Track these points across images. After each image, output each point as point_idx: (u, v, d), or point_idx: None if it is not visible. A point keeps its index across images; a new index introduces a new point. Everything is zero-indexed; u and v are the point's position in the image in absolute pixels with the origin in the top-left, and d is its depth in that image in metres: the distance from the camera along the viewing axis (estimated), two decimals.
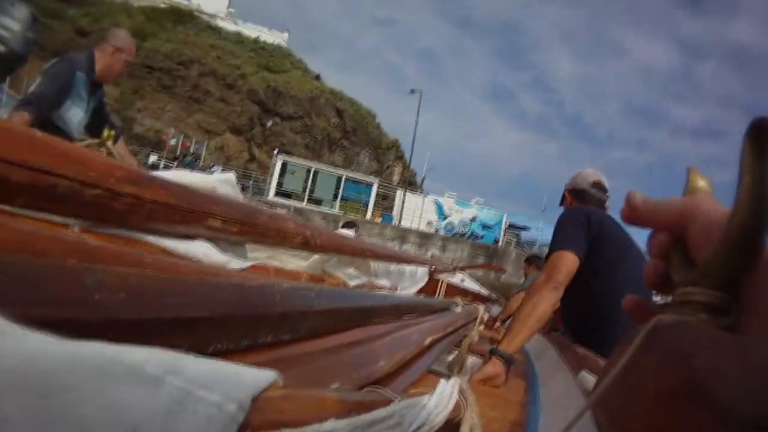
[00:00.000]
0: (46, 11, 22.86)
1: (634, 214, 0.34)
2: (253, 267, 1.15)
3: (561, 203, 2.34)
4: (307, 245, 1.37)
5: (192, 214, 0.92)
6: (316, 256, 1.71)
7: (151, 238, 0.87)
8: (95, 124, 2.61)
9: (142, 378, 0.21)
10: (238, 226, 1.05)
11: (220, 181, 1.12)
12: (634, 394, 0.25)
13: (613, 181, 2.26)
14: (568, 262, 1.75)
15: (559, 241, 1.82)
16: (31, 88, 2.33)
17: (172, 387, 0.22)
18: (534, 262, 5.09)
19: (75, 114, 2.45)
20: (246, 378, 0.26)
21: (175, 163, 19.44)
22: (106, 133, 1.65)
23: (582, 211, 1.95)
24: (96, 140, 1.72)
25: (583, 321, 1.95)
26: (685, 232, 0.31)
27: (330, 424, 0.29)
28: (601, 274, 1.81)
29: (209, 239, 1.01)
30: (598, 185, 2.20)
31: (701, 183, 0.34)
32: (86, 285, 0.36)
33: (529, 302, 1.69)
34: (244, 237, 1.13)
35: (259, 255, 1.35)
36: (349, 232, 5.39)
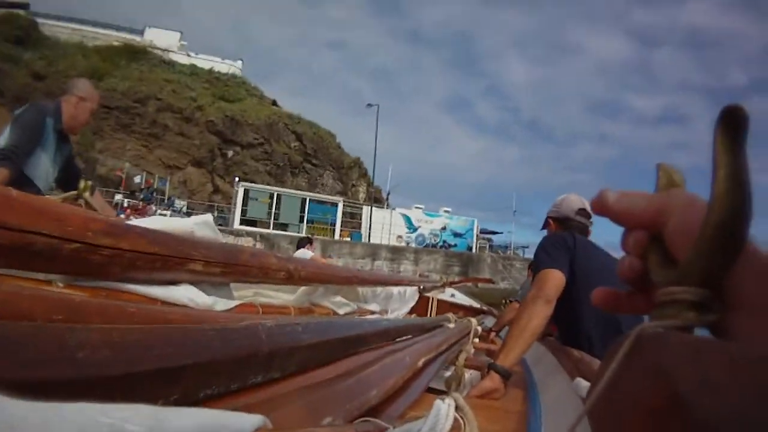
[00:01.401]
0: (1, 56, 22.45)
1: (607, 213, 0.33)
2: (239, 306, 1.14)
3: (544, 227, 2.41)
4: (291, 279, 1.36)
5: (173, 259, 0.91)
6: (302, 289, 1.69)
7: (135, 287, 0.86)
8: (65, 178, 2.57)
9: None
10: (220, 267, 1.04)
11: (198, 224, 1.11)
12: (620, 409, 0.25)
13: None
14: (555, 278, 1.85)
15: (543, 263, 1.93)
16: (5, 139, 2.26)
17: None
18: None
19: (44, 163, 2.40)
20: (231, 426, 0.26)
21: (133, 199, 19.36)
22: (83, 184, 1.61)
23: (561, 235, 2.08)
24: (73, 192, 1.69)
25: (575, 329, 2.01)
26: (662, 229, 0.30)
27: None
28: (583, 287, 1.90)
29: (193, 283, 1.00)
30: (582, 212, 2.26)
31: (673, 177, 0.33)
32: (69, 344, 0.35)
33: (522, 317, 1.76)
34: (228, 277, 1.12)
35: (245, 293, 1.35)
36: (307, 252, 5.36)
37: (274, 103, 31.56)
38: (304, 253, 5.47)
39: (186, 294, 0.96)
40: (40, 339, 0.34)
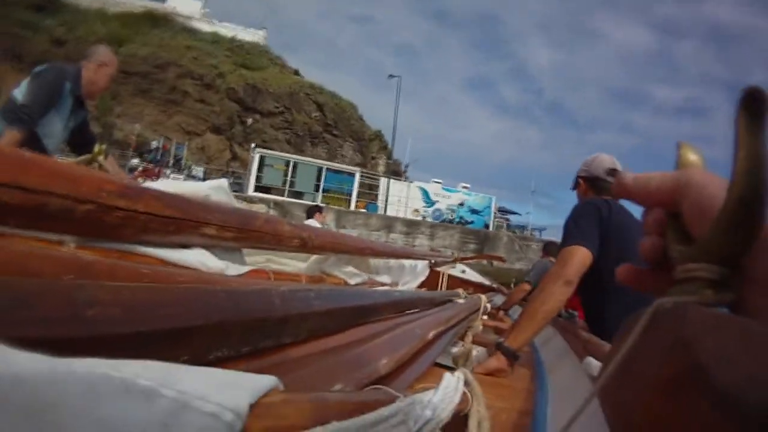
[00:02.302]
0: (22, 23, 22.57)
1: (625, 193, 0.34)
2: (251, 272, 1.15)
3: (574, 188, 2.26)
4: (304, 247, 1.36)
5: (186, 223, 0.91)
6: (314, 257, 1.69)
7: (147, 250, 0.87)
8: (77, 141, 2.60)
9: (135, 391, 0.21)
10: (233, 232, 1.04)
11: (213, 188, 1.12)
12: (635, 383, 0.25)
13: None
14: (580, 256, 1.71)
15: (570, 237, 1.79)
16: (22, 97, 2.29)
17: (166, 399, 0.22)
18: (550, 249, 4.95)
19: (56, 126, 2.42)
20: (243, 385, 0.26)
21: (141, 159, 19.47)
22: (97, 148, 1.63)
23: (592, 206, 1.90)
24: (87, 156, 1.70)
25: (601, 314, 1.91)
26: (680, 207, 0.30)
27: (332, 426, 0.29)
28: (614, 266, 1.76)
29: (205, 247, 1.01)
30: (613, 173, 2.08)
31: (692, 157, 0.33)
32: (78, 302, 0.35)
33: (537, 298, 1.67)
34: (241, 243, 1.13)
35: (257, 259, 1.35)
36: (316, 223, 5.31)
37: (297, 72, 31.32)
38: (313, 223, 5.40)
39: (198, 258, 0.97)
40: (50, 296, 0.34)
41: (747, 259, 0.26)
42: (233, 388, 0.25)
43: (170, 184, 1.00)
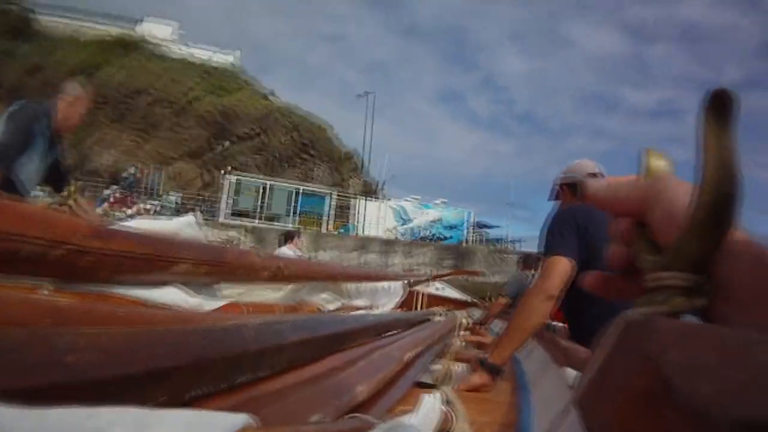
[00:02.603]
0: None
1: (593, 202, 0.33)
2: (226, 306, 1.15)
3: (555, 197, 2.18)
4: (276, 277, 1.37)
5: (160, 261, 0.92)
6: (289, 287, 1.69)
7: (123, 291, 0.87)
8: (52, 177, 2.59)
9: None
10: (206, 267, 1.05)
11: (183, 225, 1.12)
12: (609, 396, 0.24)
13: None
14: (562, 268, 1.68)
15: (550, 247, 1.76)
16: None
17: None
18: (528, 261, 4.91)
19: (32, 165, 2.42)
20: (216, 425, 0.26)
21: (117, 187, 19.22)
22: (70, 189, 1.63)
23: (569, 214, 1.86)
24: (60, 198, 1.71)
25: (583, 321, 1.86)
26: (648, 217, 0.30)
27: None
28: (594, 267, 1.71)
29: (180, 284, 1.01)
30: (595, 177, 1.99)
31: (659, 163, 0.32)
32: (57, 349, 0.36)
33: (521, 314, 1.65)
34: (214, 277, 1.13)
35: (231, 292, 1.34)
36: (289, 251, 5.11)
37: (272, 93, 31.29)
38: (286, 250, 5.18)
39: (173, 295, 0.97)
40: (28, 344, 0.35)
41: (718, 268, 0.26)
42: (206, 429, 0.25)
43: (141, 222, 1.01)
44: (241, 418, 0.28)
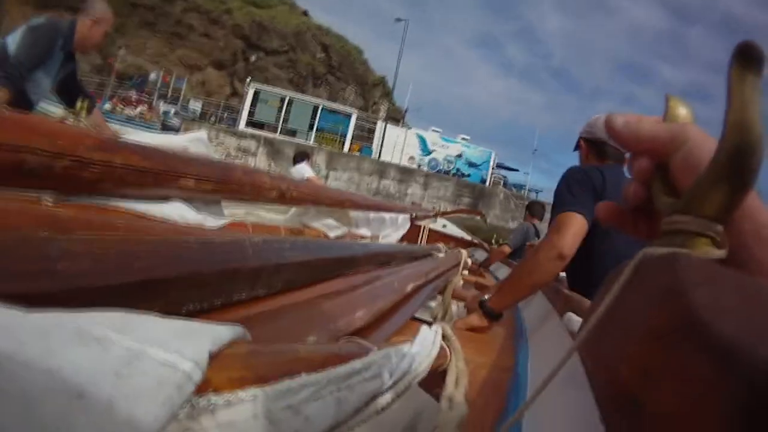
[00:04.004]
0: None
1: (614, 137, 0.32)
2: (229, 224, 1.15)
3: (576, 148, 2.08)
4: (283, 198, 1.36)
5: (164, 175, 0.90)
6: (294, 209, 1.69)
7: (125, 204, 0.86)
8: (65, 91, 2.60)
9: (88, 339, 0.20)
10: (212, 184, 1.04)
11: (192, 140, 1.11)
12: (620, 336, 0.24)
13: None
14: (576, 225, 1.57)
15: (565, 203, 1.63)
16: (14, 50, 2.28)
17: (120, 347, 0.20)
18: (533, 210, 4.79)
19: (43, 81, 2.43)
20: (205, 334, 0.25)
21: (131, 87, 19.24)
22: (79, 103, 1.62)
23: (587, 172, 1.76)
24: (70, 110, 1.70)
25: (588, 279, 1.71)
26: (670, 159, 0.29)
27: (301, 378, 0.28)
28: (605, 235, 1.63)
29: (184, 200, 1.00)
30: None
31: (683, 111, 0.32)
32: (49, 255, 0.35)
33: (527, 268, 1.57)
34: (219, 195, 1.12)
35: (236, 212, 1.34)
36: (305, 168, 5.04)
37: (305, 13, 30.47)
38: (302, 169, 5.19)
39: (176, 210, 0.96)
40: (19, 250, 0.34)
41: (736, 217, 0.25)
42: (194, 337, 0.24)
43: (148, 136, 1.00)
44: (232, 330, 0.27)
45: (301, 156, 5.64)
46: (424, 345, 0.44)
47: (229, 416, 0.23)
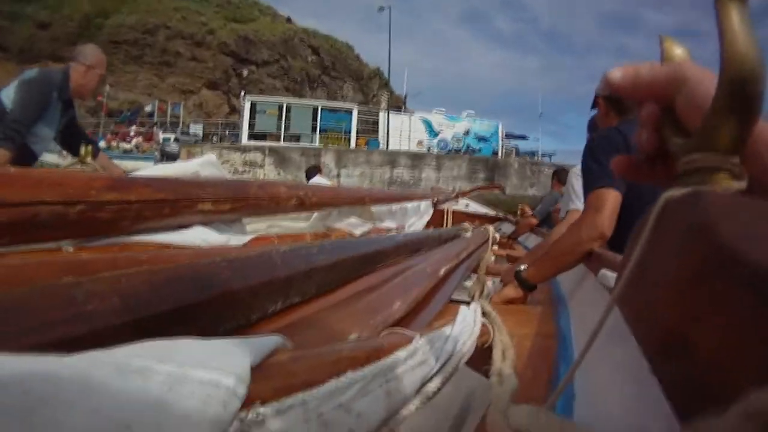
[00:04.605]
0: (3, 15, 21.97)
1: (616, 91, 0.32)
2: (254, 240, 1.14)
3: (594, 107, 2.03)
4: (302, 205, 1.35)
5: (180, 203, 0.91)
6: (315, 214, 1.68)
7: (146, 238, 0.85)
8: (67, 138, 2.62)
9: (128, 372, 0.20)
10: (229, 204, 1.04)
11: (202, 164, 1.11)
12: (655, 282, 0.23)
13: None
14: (613, 202, 1.51)
15: (597, 178, 1.56)
16: (11, 106, 2.29)
17: (160, 374, 0.20)
18: (561, 176, 4.49)
19: (45, 132, 2.45)
20: (244, 348, 0.25)
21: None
22: (83, 150, 1.64)
23: (606, 140, 1.69)
24: (74, 161, 1.72)
25: (615, 246, 1.66)
26: (674, 100, 0.29)
27: (347, 377, 0.27)
28: (633, 202, 1.56)
29: (204, 224, 1.00)
30: None
31: (678, 51, 0.32)
32: (75, 299, 0.34)
33: (567, 247, 1.51)
34: (238, 213, 1.11)
35: (258, 227, 1.34)
36: (323, 179, 5.05)
37: (288, 20, 30.53)
38: (319, 180, 5.16)
39: (199, 235, 0.95)
40: (45, 300, 0.34)
41: (748, 146, 0.25)
42: (233, 353, 0.24)
43: (159, 168, 1.00)
44: (271, 340, 0.27)
45: (313, 171, 5.66)
46: (465, 325, 0.43)
47: (279, 424, 0.23)
